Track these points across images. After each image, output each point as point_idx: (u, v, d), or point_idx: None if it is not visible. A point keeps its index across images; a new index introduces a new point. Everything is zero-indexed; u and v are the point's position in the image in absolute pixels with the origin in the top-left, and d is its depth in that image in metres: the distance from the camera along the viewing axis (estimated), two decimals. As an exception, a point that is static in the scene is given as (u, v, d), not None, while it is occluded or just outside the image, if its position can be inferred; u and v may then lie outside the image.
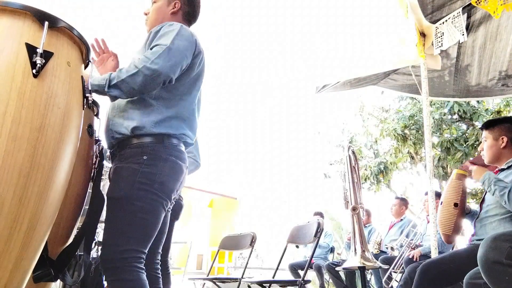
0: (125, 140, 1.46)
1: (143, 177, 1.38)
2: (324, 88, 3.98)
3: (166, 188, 1.42)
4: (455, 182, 2.21)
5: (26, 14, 1.08)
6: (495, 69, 3.54)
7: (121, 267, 1.32)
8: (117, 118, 1.48)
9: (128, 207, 1.36)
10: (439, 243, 3.58)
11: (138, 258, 1.36)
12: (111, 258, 1.33)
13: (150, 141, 1.43)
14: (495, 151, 2.06)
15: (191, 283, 5.28)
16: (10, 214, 0.98)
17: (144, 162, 1.39)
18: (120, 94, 1.39)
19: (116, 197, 1.38)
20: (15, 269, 1.03)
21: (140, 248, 1.37)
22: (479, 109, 7.75)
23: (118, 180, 1.40)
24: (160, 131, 1.44)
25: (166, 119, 1.46)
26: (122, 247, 1.33)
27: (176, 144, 1.48)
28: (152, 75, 1.36)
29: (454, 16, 2.92)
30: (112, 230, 1.37)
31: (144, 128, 1.43)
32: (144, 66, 1.36)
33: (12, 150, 0.98)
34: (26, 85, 1.02)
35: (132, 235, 1.35)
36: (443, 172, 8.32)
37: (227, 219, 10.97)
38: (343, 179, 2.50)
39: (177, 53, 1.43)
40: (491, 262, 1.35)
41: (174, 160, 1.45)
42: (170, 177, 1.43)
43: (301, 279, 2.62)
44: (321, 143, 12.19)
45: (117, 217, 1.37)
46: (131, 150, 1.43)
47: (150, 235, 1.40)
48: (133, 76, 1.36)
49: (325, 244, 5.69)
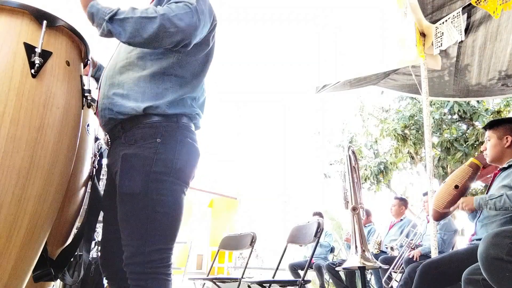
0: (131, 119, 1.27)
1: (159, 165, 1.21)
2: (324, 88, 3.98)
3: (184, 174, 1.27)
4: (466, 167, 2.21)
5: (24, 13, 1.08)
6: (495, 69, 3.54)
7: (148, 273, 1.19)
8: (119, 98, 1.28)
9: (146, 202, 1.20)
10: (439, 243, 3.58)
11: (165, 259, 1.23)
12: (137, 262, 1.19)
13: (163, 120, 1.26)
14: (498, 150, 2.08)
15: (191, 283, 5.27)
16: (9, 215, 0.98)
17: (158, 147, 1.22)
18: (119, 33, 1.18)
19: (130, 193, 1.22)
20: (15, 269, 1.03)
21: (167, 246, 1.24)
22: (479, 109, 7.74)
23: (131, 172, 1.22)
24: (175, 111, 1.28)
25: (181, 98, 1.30)
26: (148, 247, 1.20)
27: (190, 125, 1.33)
28: (170, 28, 1.16)
29: (454, 16, 2.92)
30: (133, 229, 1.22)
31: (157, 109, 1.25)
32: (166, 15, 1.16)
33: (11, 150, 0.97)
34: (24, 85, 1.01)
35: (157, 233, 1.21)
36: (443, 172, 8.32)
37: (227, 219, 10.96)
38: (343, 179, 2.50)
39: (203, 17, 1.24)
40: (492, 258, 1.35)
41: (190, 142, 1.30)
42: (188, 162, 1.28)
43: (301, 279, 2.62)
44: (321, 143, 12.19)
45: (136, 215, 1.21)
46: (141, 131, 1.25)
47: (175, 228, 1.26)
48: (148, 20, 1.16)
49: (326, 244, 5.69)
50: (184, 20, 1.18)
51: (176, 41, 1.21)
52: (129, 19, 1.17)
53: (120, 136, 1.29)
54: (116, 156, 1.28)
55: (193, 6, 1.21)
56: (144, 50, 1.30)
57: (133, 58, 1.32)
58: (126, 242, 1.22)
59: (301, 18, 26.66)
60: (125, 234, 1.23)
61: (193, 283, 5.29)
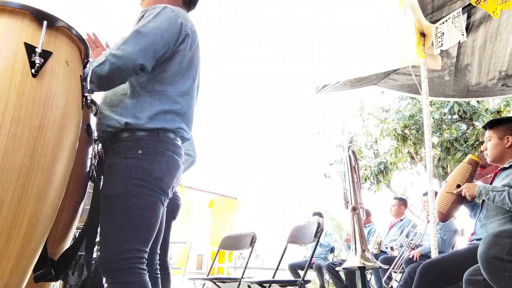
0: (117, 133, 1.38)
1: (139, 172, 1.31)
2: (324, 88, 3.98)
3: (163, 183, 1.36)
4: (465, 165, 2.20)
5: (25, 14, 1.08)
6: (495, 69, 3.54)
7: (122, 268, 1.26)
8: (108, 112, 1.40)
9: (124, 204, 1.29)
10: (439, 243, 3.58)
11: (140, 258, 1.30)
12: (111, 260, 1.27)
13: (145, 135, 1.36)
14: (499, 150, 2.07)
15: (191, 283, 5.28)
16: (9, 214, 0.98)
17: (139, 157, 1.32)
18: (93, 87, 1.28)
19: (111, 195, 1.31)
20: (15, 269, 1.03)
21: (141, 247, 1.31)
22: (479, 109, 7.75)
23: (113, 176, 1.33)
24: (155, 126, 1.36)
25: (160, 113, 1.38)
26: (122, 246, 1.27)
27: (172, 138, 1.41)
28: (117, 62, 1.27)
29: (454, 16, 2.92)
30: (110, 229, 1.30)
31: (138, 124, 1.35)
32: (110, 53, 1.28)
33: (11, 149, 0.98)
34: (25, 85, 1.02)
35: (132, 234, 1.29)
36: (443, 172, 8.32)
37: (227, 219, 10.97)
38: (343, 179, 2.50)
39: (148, 36, 1.32)
40: (492, 258, 1.35)
41: (170, 154, 1.38)
42: (167, 172, 1.37)
43: (301, 279, 2.62)
44: (321, 143, 12.19)
45: (114, 216, 1.29)
46: (125, 144, 1.35)
47: (150, 232, 1.34)
48: (100, 66, 1.27)
49: (326, 243, 5.69)
50: (124, 49, 1.29)
51: (130, 70, 1.30)
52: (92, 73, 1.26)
53: (109, 148, 1.41)
54: (104, 166, 1.41)
55: (134, 30, 1.32)
56: None
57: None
58: (103, 241, 1.30)
59: (301, 18, 26.65)
60: (102, 234, 1.31)
61: (193, 283, 5.29)
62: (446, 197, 2.18)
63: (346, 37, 3.79)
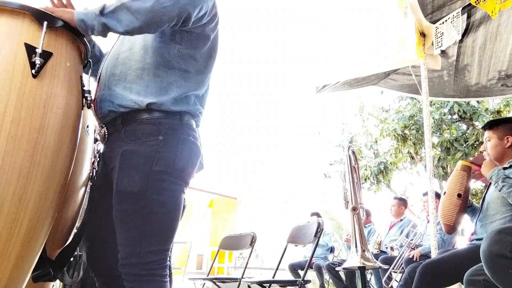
0: (133, 113, 1.22)
1: (160, 164, 1.17)
2: (324, 88, 3.98)
3: (185, 174, 1.23)
4: (459, 173, 2.19)
5: (25, 14, 1.08)
6: (495, 69, 3.54)
7: (144, 275, 1.15)
8: (121, 90, 1.24)
9: (145, 202, 1.16)
10: (439, 243, 3.58)
11: (162, 261, 1.19)
12: (133, 263, 1.16)
13: (167, 118, 1.21)
14: (499, 151, 2.07)
15: (191, 283, 5.28)
16: (9, 214, 0.98)
17: (160, 145, 1.18)
18: (114, 25, 1.12)
19: (129, 192, 1.16)
20: (15, 269, 1.03)
21: (164, 247, 1.20)
22: (479, 109, 7.74)
23: (130, 171, 1.17)
24: (180, 108, 1.24)
25: (185, 95, 1.26)
26: (144, 248, 1.15)
27: (193, 124, 1.29)
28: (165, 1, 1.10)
29: (453, 16, 2.92)
30: (129, 229, 1.17)
31: (161, 105, 1.21)
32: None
33: (11, 150, 0.98)
34: (25, 85, 1.02)
35: (154, 234, 1.17)
36: (443, 172, 8.32)
37: (227, 219, 10.96)
38: (343, 179, 2.50)
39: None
40: (495, 255, 1.34)
41: (192, 141, 1.26)
42: (190, 161, 1.24)
43: (301, 279, 2.62)
44: (321, 143, 12.20)
45: (133, 215, 1.17)
46: (143, 127, 1.20)
47: (173, 228, 1.22)
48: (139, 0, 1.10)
49: (324, 243, 5.69)
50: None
51: (174, 16, 1.14)
52: (120, 7, 1.11)
53: (119, 129, 1.24)
54: (115, 152, 1.23)
55: None
56: (146, 40, 1.25)
57: (136, 49, 1.27)
58: (121, 242, 1.18)
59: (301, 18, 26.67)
60: (121, 234, 1.18)
61: (193, 283, 5.29)
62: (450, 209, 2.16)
63: (346, 37, 3.78)
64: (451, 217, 2.15)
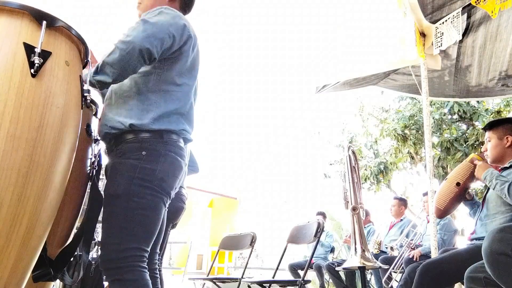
0: (122, 134, 1.40)
1: (142, 173, 1.33)
2: (324, 88, 3.98)
3: (166, 184, 1.38)
4: (466, 164, 2.20)
5: (24, 14, 1.08)
6: (495, 69, 3.54)
7: (122, 267, 1.27)
8: (113, 115, 1.42)
9: (127, 204, 1.31)
10: (439, 243, 3.58)
11: (141, 257, 1.31)
12: (112, 258, 1.28)
13: (149, 136, 1.38)
14: (500, 151, 2.08)
15: (191, 283, 5.28)
16: (9, 214, 0.98)
17: (143, 158, 1.34)
18: (105, 78, 1.32)
19: (114, 194, 1.33)
20: (15, 269, 1.03)
21: (142, 246, 1.32)
22: (479, 109, 7.74)
23: (116, 176, 1.35)
24: (159, 127, 1.39)
25: (165, 114, 1.41)
26: (123, 245, 1.28)
27: (175, 140, 1.43)
28: (126, 48, 1.29)
29: (453, 16, 2.92)
30: (112, 228, 1.31)
31: (142, 125, 1.37)
32: (119, 41, 1.31)
33: (10, 149, 0.98)
34: (24, 85, 1.02)
35: (133, 233, 1.30)
36: (443, 172, 8.31)
37: (227, 219, 10.96)
38: (343, 179, 2.50)
39: (156, 26, 1.35)
40: (496, 253, 1.34)
41: (173, 156, 1.41)
42: (170, 173, 1.39)
43: (301, 279, 2.62)
44: (321, 143, 12.19)
45: (116, 215, 1.31)
46: (129, 145, 1.37)
47: (151, 232, 1.35)
48: (110, 55, 1.30)
49: (327, 244, 5.69)
50: (131, 34, 1.31)
51: (138, 55, 1.31)
52: (103, 64, 1.31)
53: (113, 149, 1.43)
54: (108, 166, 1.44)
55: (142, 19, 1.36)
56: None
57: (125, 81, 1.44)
58: (104, 240, 1.31)
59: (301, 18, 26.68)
60: (104, 233, 1.32)
61: (193, 283, 5.29)
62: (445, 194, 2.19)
63: (346, 37, 3.78)
64: (443, 202, 2.18)
